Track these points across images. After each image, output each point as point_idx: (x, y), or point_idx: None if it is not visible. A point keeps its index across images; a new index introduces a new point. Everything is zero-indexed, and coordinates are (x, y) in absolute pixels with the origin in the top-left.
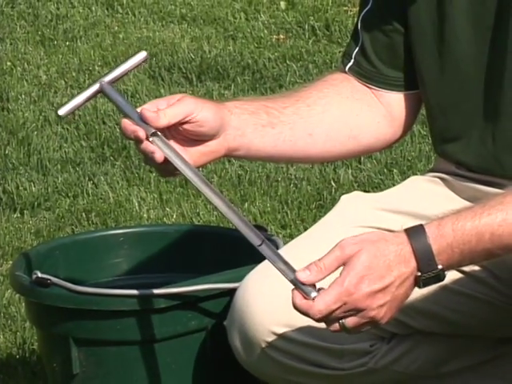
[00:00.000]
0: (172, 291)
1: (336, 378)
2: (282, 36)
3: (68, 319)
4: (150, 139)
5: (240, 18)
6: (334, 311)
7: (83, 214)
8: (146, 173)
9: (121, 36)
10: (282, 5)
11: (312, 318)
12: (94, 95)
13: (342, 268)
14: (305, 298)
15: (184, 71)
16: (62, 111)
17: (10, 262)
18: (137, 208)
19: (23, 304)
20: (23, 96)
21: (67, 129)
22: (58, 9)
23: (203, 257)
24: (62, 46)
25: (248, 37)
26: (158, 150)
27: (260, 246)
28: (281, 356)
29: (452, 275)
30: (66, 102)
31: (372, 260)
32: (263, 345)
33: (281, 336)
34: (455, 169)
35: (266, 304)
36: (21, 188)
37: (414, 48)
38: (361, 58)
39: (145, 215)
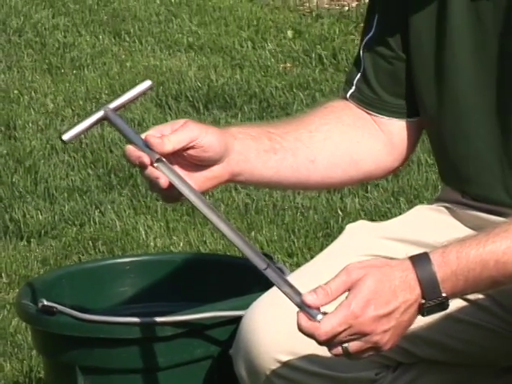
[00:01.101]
0: (178, 319)
1: None
2: (288, 64)
3: (74, 347)
4: (155, 165)
5: (247, 46)
6: (339, 334)
7: (90, 242)
8: (152, 201)
9: (128, 64)
10: (289, 33)
11: (317, 339)
12: (99, 122)
13: (347, 292)
14: (310, 320)
15: (191, 100)
16: (66, 136)
17: (17, 290)
18: (143, 236)
19: (30, 332)
20: (30, 124)
21: (74, 157)
22: (65, 37)
23: (210, 285)
24: (69, 74)
25: (255, 65)
26: (163, 175)
27: (265, 269)
28: None
29: (456, 303)
30: (70, 128)
31: (377, 284)
32: (268, 373)
33: (286, 364)
34: (461, 198)
35: (271, 332)
36: (28, 216)
37: (414, 76)
38: (362, 84)
39: (151, 243)
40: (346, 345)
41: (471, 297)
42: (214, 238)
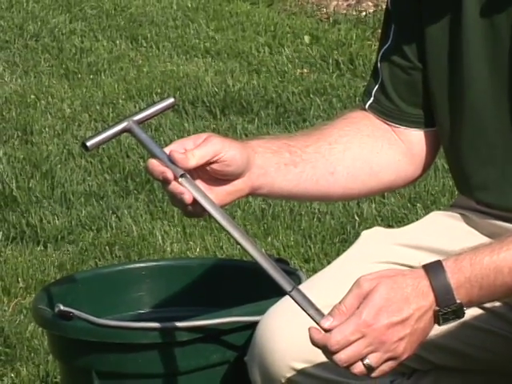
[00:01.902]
0: (194, 324)
1: None
2: (305, 70)
3: (91, 352)
4: (179, 180)
5: (264, 52)
6: (351, 343)
7: (106, 247)
8: (169, 206)
9: (145, 70)
10: (306, 39)
11: (330, 350)
12: (122, 132)
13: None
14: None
15: (208, 105)
16: (89, 143)
17: (33, 295)
18: (160, 241)
19: (46, 337)
20: (47, 129)
21: (91, 162)
22: (82, 42)
23: (226, 290)
24: (86, 79)
25: (272, 71)
26: (187, 191)
27: (291, 292)
28: None
29: (471, 311)
30: (93, 135)
31: (389, 292)
32: (283, 381)
33: (301, 372)
34: (475, 205)
35: (287, 340)
36: (44, 221)
37: (430, 87)
38: (380, 95)
39: (168, 249)
40: (366, 361)
41: (487, 304)
42: (230, 244)
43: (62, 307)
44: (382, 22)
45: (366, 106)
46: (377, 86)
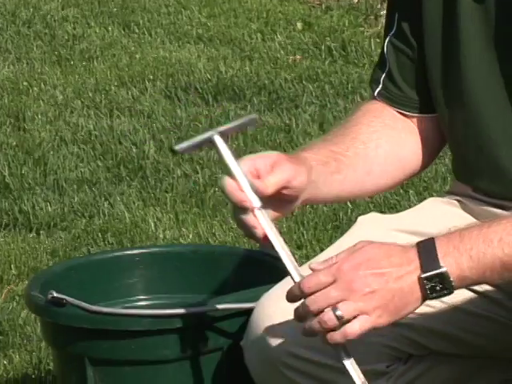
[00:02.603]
0: (187, 311)
1: None
2: (298, 56)
3: (83, 339)
4: (255, 212)
5: (256, 38)
6: (323, 287)
7: (99, 234)
8: (162, 193)
9: (137, 56)
10: (299, 25)
11: (302, 291)
12: (207, 143)
13: None
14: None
15: (200, 91)
16: (178, 147)
17: (26, 282)
18: (153, 228)
19: (39, 324)
20: (39, 116)
21: (83, 149)
22: (74, 29)
23: (219, 277)
24: (79, 66)
25: (264, 57)
26: (259, 225)
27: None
28: (297, 376)
29: (467, 296)
30: (184, 141)
31: (374, 251)
32: (280, 365)
33: (297, 356)
34: (472, 192)
35: (282, 324)
36: (37, 208)
37: (429, 73)
38: (388, 82)
39: (161, 235)
40: (338, 312)
41: (482, 289)
42: (223, 230)
43: (54, 294)
44: (386, 10)
45: (375, 94)
46: (384, 74)
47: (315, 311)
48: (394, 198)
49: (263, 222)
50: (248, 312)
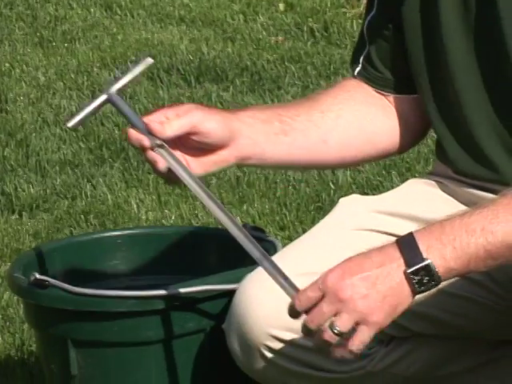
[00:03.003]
0: (170, 292)
1: (335, 380)
2: (280, 38)
3: (66, 321)
4: (155, 150)
5: (239, 19)
6: (315, 302)
7: (81, 215)
8: (144, 174)
9: (119, 38)
10: (281, 6)
11: (296, 309)
12: (102, 106)
13: None
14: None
15: (183, 73)
16: (70, 123)
17: (8, 264)
18: (135, 210)
19: (22, 306)
20: (21, 97)
21: (66, 130)
22: (56, 10)
23: (202, 258)
24: (61, 47)
25: (247, 38)
26: (161, 159)
27: (260, 260)
28: (279, 359)
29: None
30: (74, 114)
31: (353, 259)
32: (262, 348)
33: (279, 339)
34: (452, 173)
35: (265, 307)
36: (19, 189)
37: (409, 56)
38: (367, 63)
39: (143, 217)
40: (336, 328)
41: None
42: (205, 212)
43: (37, 276)
44: None
45: (355, 73)
46: (363, 54)
47: (316, 329)
48: (377, 179)
49: (164, 155)
50: (231, 293)
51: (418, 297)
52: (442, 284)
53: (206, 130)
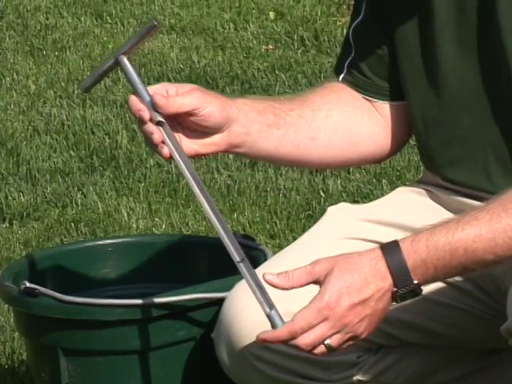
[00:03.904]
0: (160, 301)
1: None
2: (270, 46)
3: (56, 329)
4: (155, 126)
5: (229, 28)
6: (314, 327)
7: (72, 224)
8: (135, 183)
9: (110, 46)
10: (271, 15)
11: (295, 337)
12: (111, 68)
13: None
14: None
15: (173, 81)
16: (82, 86)
17: None
18: (126, 218)
19: (12, 314)
20: (12, 106)
21: (56, 139)
22: (47, 19)
23: (192, 267)
24: (51, 56)
25: (237, 47)
26: (158, 132)
27: (239, 262)
28: (268, 368)
29: (438, 287)
30: (86, 78)
31: (347, 274)
32: (250, 357)
33: (267, 348)
34: (441, 181)
35: (253, 315)
36: (10, 198)
37: (400, 63)
38: (353, 68)
39: (134, 225)
40: (327, 341)
41: (452, 280)
42: (196, 220)
43: (27, 284)
44: None
45: (340, 79)
46: (349, 60)
47: (308, 348)
48: (367, 188)
49: (164, 132)
50: (221, 302)
51: (406, 306)
52: (431, 293)
53: (206, 113)
